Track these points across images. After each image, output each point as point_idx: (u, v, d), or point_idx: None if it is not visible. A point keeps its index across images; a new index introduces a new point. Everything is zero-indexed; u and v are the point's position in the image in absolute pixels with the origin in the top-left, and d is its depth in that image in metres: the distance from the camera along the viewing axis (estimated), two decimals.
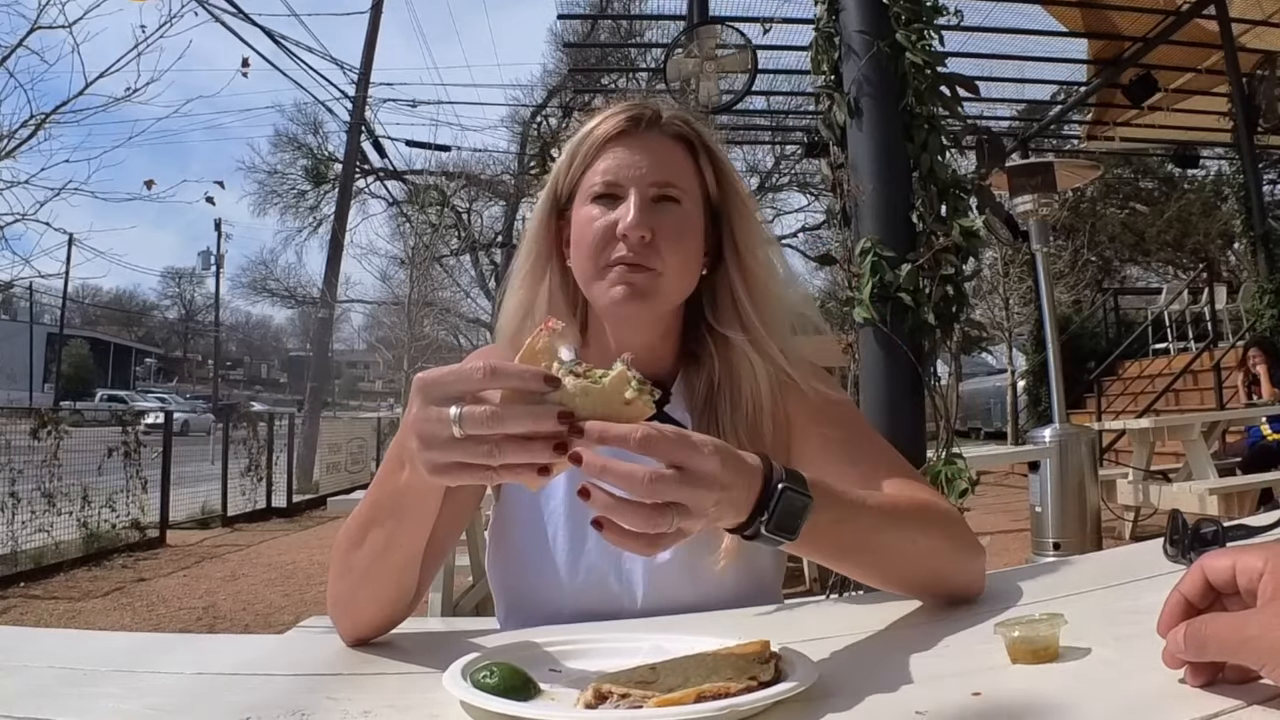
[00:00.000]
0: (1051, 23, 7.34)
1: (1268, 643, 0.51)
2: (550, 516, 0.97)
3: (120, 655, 0.82)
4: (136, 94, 6.61)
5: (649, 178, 0.94)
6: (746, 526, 0.66)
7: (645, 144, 0.96)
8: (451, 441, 0.60)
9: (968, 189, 2.64)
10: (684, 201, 0.95)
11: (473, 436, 0.59)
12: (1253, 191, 7.79)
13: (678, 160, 0.97)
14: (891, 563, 0.81)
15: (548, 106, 20.30)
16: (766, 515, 0.65)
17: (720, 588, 0.95)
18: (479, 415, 0.59)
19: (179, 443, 8.00)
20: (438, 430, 0.60)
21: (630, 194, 0.93)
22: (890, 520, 0.80)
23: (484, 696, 0.61)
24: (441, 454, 0.61)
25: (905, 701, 0.60)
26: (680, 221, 0.94)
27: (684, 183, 0.96)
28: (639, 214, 0.91)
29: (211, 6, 10.11)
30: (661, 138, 0.97)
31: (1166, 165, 15.00)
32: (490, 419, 0.59)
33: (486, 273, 20.68)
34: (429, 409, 0.61)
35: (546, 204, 1.00)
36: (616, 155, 0.95)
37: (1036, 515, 4.64)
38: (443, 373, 0.62)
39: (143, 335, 51.49)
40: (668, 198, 0.94)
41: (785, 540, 0.67)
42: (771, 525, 0.65)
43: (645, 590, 0.94)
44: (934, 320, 2.53)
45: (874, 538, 0.78)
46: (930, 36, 2.64)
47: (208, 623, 4.48)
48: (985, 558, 0.89)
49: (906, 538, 0.80)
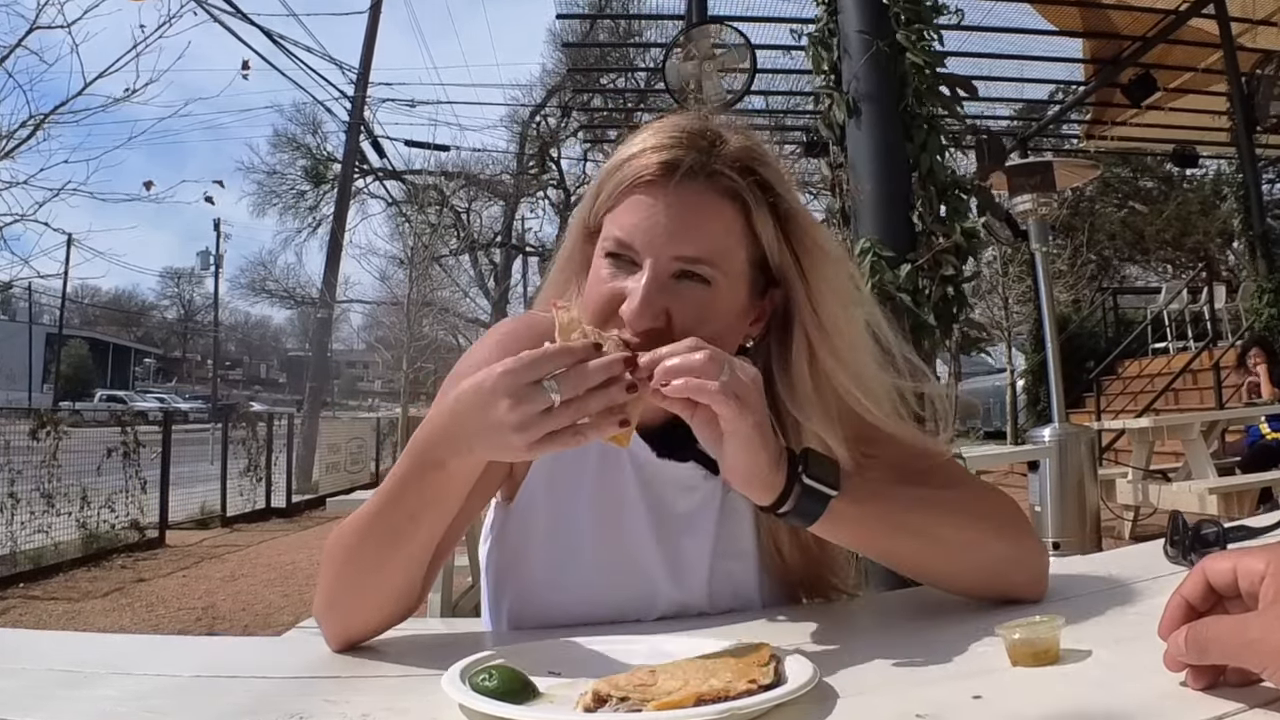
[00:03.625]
0: (1051, 22, 7.35)
1: (1269, 645, 0.51)
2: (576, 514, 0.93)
3: (119, 656, 0.82)
4: (135, 94, 6.62)
5: (670, 250, 0.78)
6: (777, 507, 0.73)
7: (679, 201, 0.78)
8: (547, 414, 0.67)
9: (967, 189, 2.64)
10: (716, 281, 0.79)
11: (567, 401, 0.67)
12: (1252, 191, 7.80)
13: (718, 226, 0.80)
14: (936, 557, 0.81)
15: (546, 106, 20.30)
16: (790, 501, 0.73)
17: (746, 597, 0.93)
18: (570, 378, 0.67)
19: (179, 440, 7.99)
20: (537, 405, 0.67)
21: (645, 267, 0.78)
22: (935, 510, 0.80)
23: (483, 699, 0.60)
24: (540, 426, 0.67)
25: (906, 704, 0.59)
26: (705, 305, 0.79)
27: (720, 257, 0.79)
28: (645, 303, 0.77)
29: (210, 6, 10.11)
30: (703, 193, 0.79)
31: (1165, 164, 15.00)
32: (580, 377, 0.67)
33: (485, 272, 20.68)
34: (522, 389, 0.67)
35: (577, 222, 0.90)
36: (639, 210, 0.79)
37: (1036, 515, 4.64)
38: (531, 359, 0.67)
39: (142, 335, 51.45)
40: (694, 275, 0.79)
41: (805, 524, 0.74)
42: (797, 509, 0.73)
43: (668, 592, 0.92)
44: (933, 320, 2.53)
45: (913, 526, 0.79)
46: (930, 37, 2.65)
47: (207, 623, 4.48)
48: (1048, 559, 0.87)
49: (953, 530, 0.80)
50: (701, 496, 0.92)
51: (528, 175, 19.46)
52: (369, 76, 15.42)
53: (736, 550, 0.93)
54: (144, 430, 7.15)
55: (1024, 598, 0.84)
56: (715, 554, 0.92)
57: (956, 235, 2.53)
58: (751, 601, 0.94)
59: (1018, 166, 5.32)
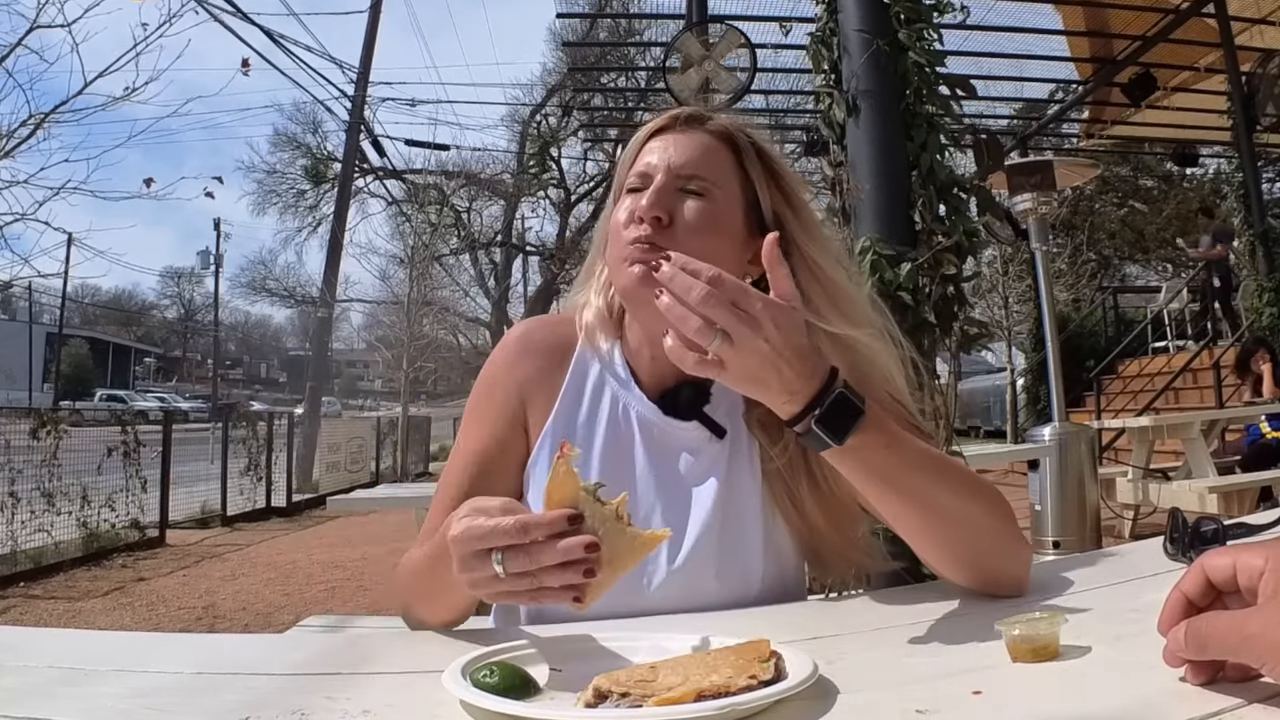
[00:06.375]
0: (1051, 21, 7.35)
1: (1268, 641, 0.51)
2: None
3: (120, 654, 0.82)
4: (135, 93, 6.62)
5: (676, 166, 0.93)
6: (800, 419, 0.73)
7: (682, 138, 0.95)
8: (497, 580, 0.68)
9: (967, 189, 2.64)
10: (714, 194, 0.93)
11: (517, 574, 0.68)
12: (1252, 190, 7.79)
13: (714, 155, 0.95)
14: (932, 517, 0.80)
15: (547, 105, 20.29)
16: (820, 409, 0.72)
17: (745, 587, 0.94)
18: (518, 559, 0.67)
19: (179, 439, 7.99)
20: (483, 573, 0.69)
21: (656, 179, 0.92)
22: (939, 471, 0.80)
23: (484, 696, 0.61)
24: (490, 589, 0.70)
25: (905, 700, 0.59)
26: (703, 213, 0.91)
27: (716, 177, 0.93)
28: (655, 194, 0.90)
29: (210, 6, 10.11)
30: (701, 133, 0.96)
31: (1165, 163, 15.00)
32: (528, 559, 0.67)
33: (486, 271, 20.69)
34: (470, 560, 0.69)
35: (610, 200, 1.02)
36: (650, 151, 0.96)
37: (1036, 514, 4.64)
38: (479, 532, 0.69)
39: (142, 335, 51.45)
40: (694, 190, 0.92)
41: (832, 443, 0.73)
42: (822, 422, 0.72)
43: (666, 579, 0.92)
44: (933, 319, 2.53)
45: (919, 480, 0.79)
46: (930, 36, 2.65)
47: (207, 622, 4.48)
48: (1031, 556, 0.88)
49: (951, 495, 0.80)
50: (708, 459, 0.96)
51: (528, 175, 19.45)
52: (369, 76, 15.45)
53: (741, 514, 0.94)
54: (144, 430, 7.16)
55: (1005, 591, 0.85)
56: (720, 515, 0.93)
57: (958, 234, 2.53)
58: (754, 569, 0.94)
59: (1018, 165, 5.33)
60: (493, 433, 0.99)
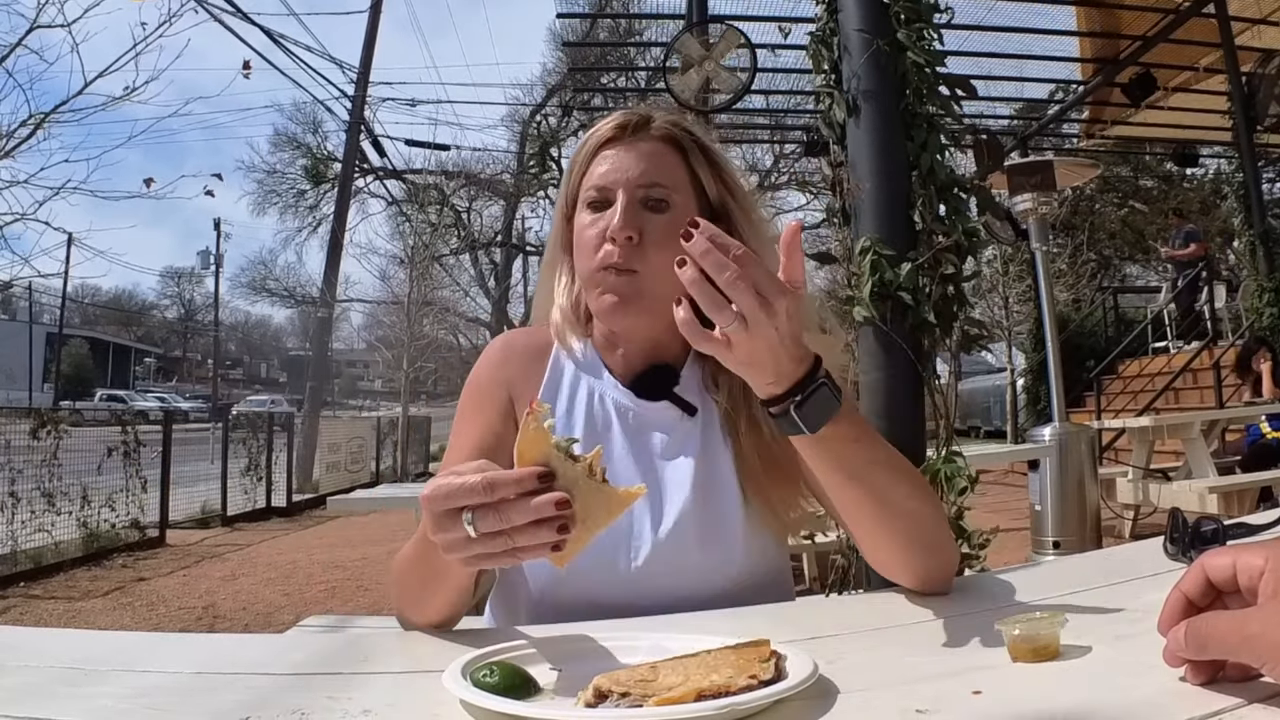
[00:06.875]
0: (1051, 21, 7.34)
1: (1269, 641, 0.51)
2: None
3: (120, 654, 0.82)
4: (135, 93, 6.62)
5: (636, 180, 0.98)
6: (779, 401, 0.74)
7: (633, 147, 1.00)
8: (470, 541, 0.67)
9: (967, 189, 2.64)
10: (674, 201, 0.99)
11: (487, 534, 0.66)
12: (1252, 190, 7.78)
13: (666, 161, 1.01)
14: (885, 511, 0.83)
15: (547, 106, 20.27)
16: (801, 396, 0.73)
17: (728, 559, 0.97)
18: (488, 518, 0.66)
19: (179, 439, 7.99)
20: (455, 535, 0.67)
21: (619, 197, 0.97)
22: (895, 468, 0.83)
23: (484, 695, 0.61)
24: (464, 552, 0.68)
25: (906, 700, 0.60)
26: (669, 227, 0.95)
27: (673, 182, 1.00)
28: (624, 216, 0.96)
29: (210, 6, 10.11)
30: (650, 141, 1.01)
31: (1165, 164, 14.99)
32: (499, 518, 0.66)
33: (486, 272, 20.67)
34: (442, 520, 0.68)
35: (558, 211, 1.08)
36: (606, 160, 1.00)
37: (1036, 514, 4.64)
38: (447, 490, 0.67)
39: (142, 335, 51.45)
40: (656, 200, 0.98)
41: (805, 431, 0.74)
42: (801, 409, 0.73)
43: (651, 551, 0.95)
44: (934, 319, 2.53)
45: (878, 475, 0.81)
46: (930, 36, 2.64)
47: (208, 622, 4.48)
48: (958, 561, 0.92)
49: (904, 491, 0.83)
50: (682, 435, 1.02)
51: (528, 175, 19.42)
52: (369, 76, 15.44)
53: (717, 484, 0.99)
54: (144, 429, 7.15)
55: (937, 588, 0.89)
56: (699, 488, 0.98)
57: (957, 234, 2.53)
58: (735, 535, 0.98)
59: (1018, 165, 5.32)
60: (487, 425, 1.02)
